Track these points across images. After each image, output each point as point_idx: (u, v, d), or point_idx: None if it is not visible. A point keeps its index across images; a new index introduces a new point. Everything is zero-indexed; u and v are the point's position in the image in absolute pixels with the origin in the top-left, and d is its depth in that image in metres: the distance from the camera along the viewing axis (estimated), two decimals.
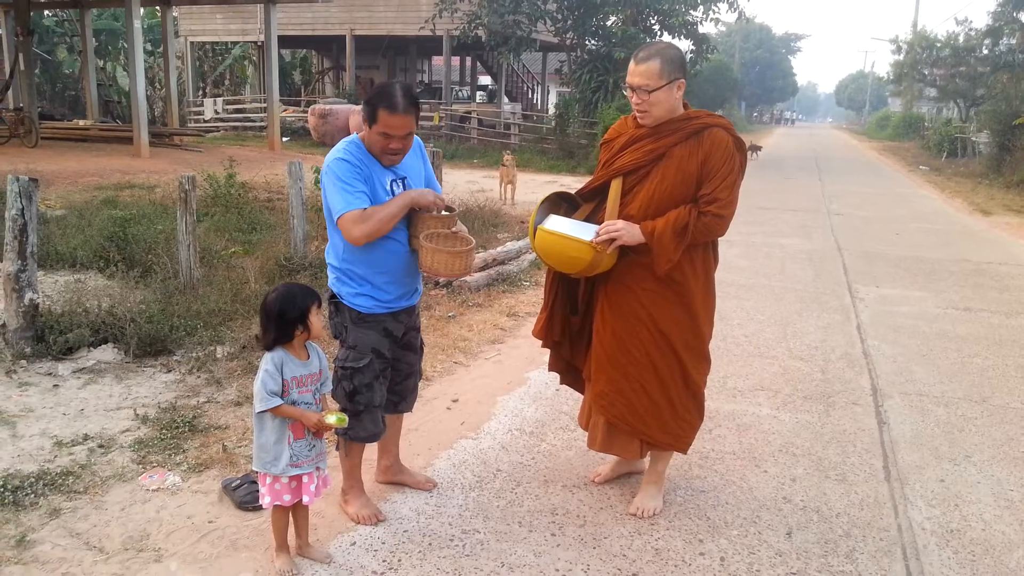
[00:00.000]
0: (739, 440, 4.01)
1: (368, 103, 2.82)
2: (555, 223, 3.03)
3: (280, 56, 24.69)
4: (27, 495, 3.14)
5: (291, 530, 2.81)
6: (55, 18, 27.09)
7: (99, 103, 21.25)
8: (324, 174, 2.88)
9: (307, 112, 22.56)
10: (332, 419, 2.65)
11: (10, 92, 18.89)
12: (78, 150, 15.89)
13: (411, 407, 3.33)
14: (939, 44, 32.36)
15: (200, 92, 30.00)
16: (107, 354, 4.66)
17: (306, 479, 2.70)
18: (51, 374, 4.43)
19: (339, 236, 2.90)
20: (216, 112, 26.12)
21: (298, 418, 2.63)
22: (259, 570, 2.76)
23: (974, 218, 13.13)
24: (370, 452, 3.29)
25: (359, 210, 2.77)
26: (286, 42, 27.44)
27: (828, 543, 3.09)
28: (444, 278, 4.57)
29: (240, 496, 3.14)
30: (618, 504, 3.32)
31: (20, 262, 4.62)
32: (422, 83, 31.51)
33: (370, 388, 2.96)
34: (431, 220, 2.93)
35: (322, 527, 3.04)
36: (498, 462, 3.67)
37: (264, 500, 2.70)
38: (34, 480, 3.24)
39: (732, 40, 56.33)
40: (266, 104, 20.38)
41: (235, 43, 30.27)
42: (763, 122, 70.27)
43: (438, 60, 30.59)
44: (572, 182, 14.71)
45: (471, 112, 24.39)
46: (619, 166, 3.07)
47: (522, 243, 8.15)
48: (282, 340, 2.64)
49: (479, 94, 33.24)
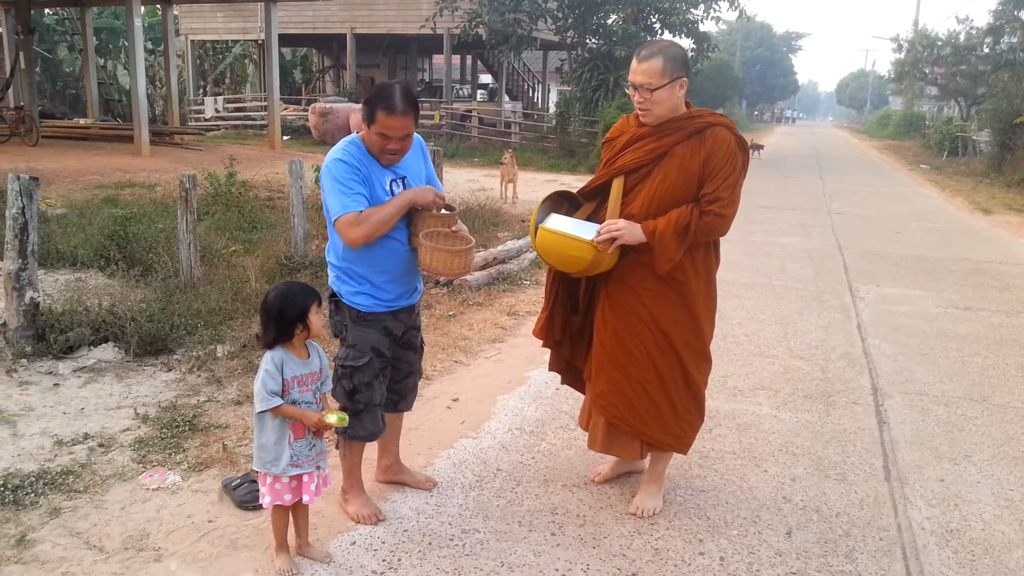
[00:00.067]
0: (739, 439, 4.01)
1: (367, 103, 2.82)
2: (556, 222, 3.03)
3: (281, 54, 24.70)
4: (27, 494, 3.14)
5: (291, 529, 2.82)
6: (56, 16, 27.08)
7: (100, 102, 21.25)
8: (323, 174, 2.88)
9: (308, 111, 22.57)
10: (332, 418, 2.65)
11: (11, 90, 18.90)
12: (79, 149, 15.89)
13: (411, 406, 3.33)
14: (940, 42, 32.35)
15: (201, 91, 30.01)
16: (107, 353, 4.67)
17: (306, 478, 2.70)
18: (51, 373, 4.43)
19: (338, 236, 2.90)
20: (217, 111, 26.12)
21: (298, 418, 2.63)
22: (259, 569, 2.76)
23: (975, 217, 13.12)
24: (370, 451, 3.29)
25: (355, 213, 2.77)
26: (287, 40, 27.44)
27: (828, 543, 3.09)
28: (443, 277, 4.57)
29: (240, 495, 3.14)
30: (618, 503, 3.33)
31: (21, 260, 4.63)
32: (423, 82, 31.48)
33: (370, 387, 2.97)
34: (431, 219, 2.93)
35: (322, 526, 3.04)
36: (498, 461, 3.67)
37: (264, 500, 2.70)
38: (34, 479, 3.25)
39: (733, 38, 56.28)
40: (267, 103, 20.38)
41: (236, 41, 30.27)
42: (764, 121, 70.20)
43: (439, 59, 30.56)
44: (573, 181, 14.70)
45: (472, 111, 24.38)
46: (621, 165, 3.06)
47: (523, 242, 8.15)
48: (282, 339, 2.64)
49: (480, 93, 33.20)
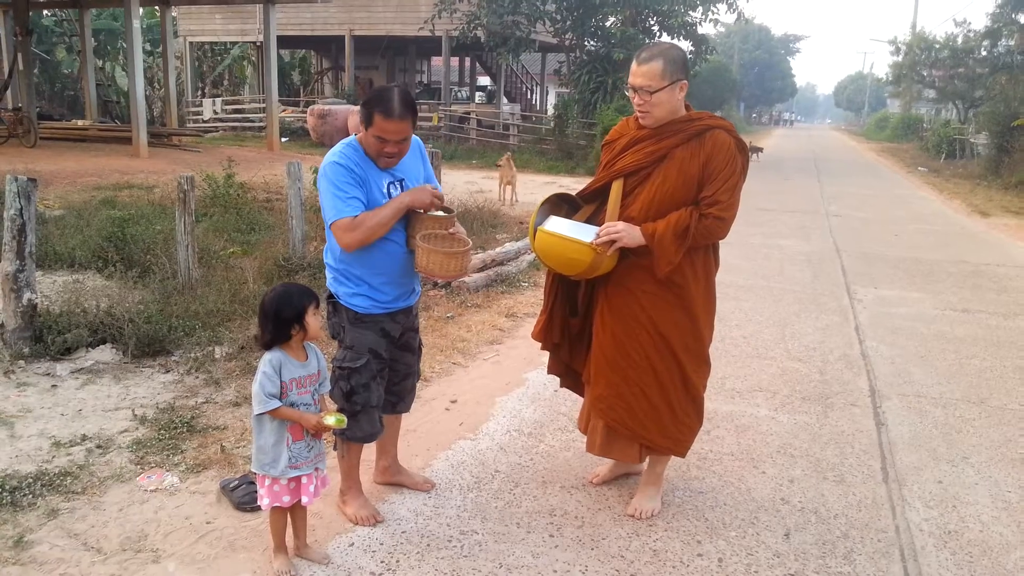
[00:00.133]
0: (737, 441, 4.01)
1: (365, 106, 2.83)
2: (555, 224, 3.03)
3: (279, 56, 24.68)
4: (25, 496, 3.13)
5: (289, 531, 2.81)
6: (54, 18, 27.07)
7: (98, 103, 21.26)
8: (319, 177, 2.89)
9: (306, 112, 22.56)
10: (331, 420, 2.64)
11: (9, 92, 18.87)
12: (77, 150, 15.88)
13: (409, 408, 3.33)
14: (938, 45, 32.40)
15: (199, 92, 30.00)
16: (105, 354, 4.66)
17: (305, 480, 2.70)
18: (49, 374, 4.42)
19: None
20: (215, 112, 26.13)
21: (297, 420, 2.63)
22: (257, 571, 2.76)
23: (972, 219, 13.14)
24: (368, 453, 3.29)
25: (349, 218, 2.78)
26: (285, 42, 27.43)
27: (826, 544, 3.09)
28: (440, 279, 4.56)
29: (238, 497, 3.14)
30: (616, 505, 3.32)
31: (18, 262, 4.62)
32: (421, 83, 31.51)
33: (367, 388, 2.97)
34: (429, 220, 2.93)
35: (320, 528, 3.04)
36: (496, 463, 3.67)
37: (263, 502, 2.69)
38: (32, 480, 3.24)
39: (731, 41, 56.34)
40: (265, 104, 20.39)
41: (234, 43, 30.27)
42: (762, 123, 70.26)
43: (437, 60, 30.63)
44: (571, 183, 14.71)
45: (470, 113, 24.41)
46: (620, 167, 3.06)
47: (521, 244, 8.15)
48: (279, 340, 2.64)
49: (478, 95, 33.27)
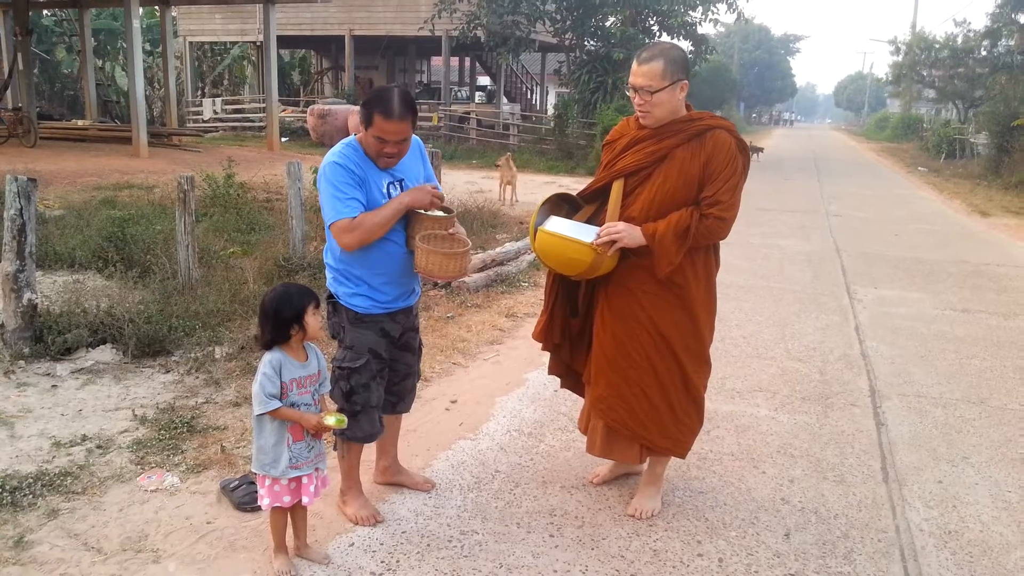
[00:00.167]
0: (737, 441, 4.02)
1: (364, 106, 2.83)
2: (555, 224, 3.02)
3: (279, 56, 24.68)
4: (25, 496, 3.14)
5: (289, 531, 2.82)
6: (54, 18, 27.08)
7: (98, 103, 21.26)
8: (319, 177, 2.89)
9: (306, 112, 22.56)
10: (331, 420, 2.64)
11: (9, 92, 18.87)
12: (77, 150, 15.88)
13: (409, 408, 3.33)
14: (938, 45, 32.40)
15: (199, 92, 30.00)
16: (105, 354, 4.66)
17: (305, 480, 2.70)
18: (49, 374, 4.42)
19: None
20: (215, 112, 26.13)
21: (297, 420, 2.63)
22: (257, 571, 2.76)
23: (972, 219, 13.14)
24: (368, 453, 3.29)
25: (348, 219, 2.79)
26: (285, 42, 27.44)
27: (826, 544, 3.09)
28: (439, 279, 4.56)
29: (238, 497, 3.14)
30: (616, 505, 3.33)
31: (18, 262, 4.62)
32: (421, 83, 31.51)
33: (367, 388, 2.97)
34: (429, 221, 2.93)
35: (320, 528, 3.04)
36: (496, 463, 3.67)
37: (263, 502, 2.69)
38: (32, 481, 3.24)
39: (731, 41, 56.33)
40: (265, 104, 20.39)
41: (234, 43, 30.27)
42: (762, 123, 70.26)
43: (437, 60, 30.63)
44: (571, 183, 14.71)
45: (470, 113, 24.41)
46: (621, 167, 3.05)
47: (521, 244, 8.15)
48: (278, 340, 2.63)
49: (478, 94, 33.27)
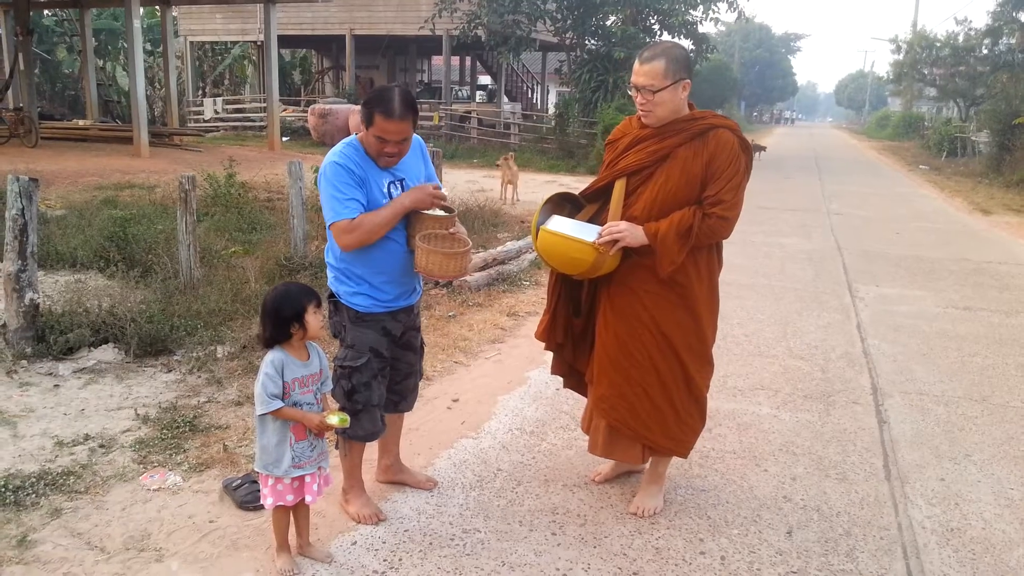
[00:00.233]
0: (739, 439, 4.02)
1: (365, 106, 2.83)
2: (558, 224, 3.02)
3: (280, 56, 24.69)
4: (28, 495, 3.14)
5: (292, 529, 2.82)
6: (55, 18, 27.10)
7: (99, 103, 21.27)
8: (319, 177, 2.89)
9: (307, 112, 22.56)
10: (334, 419, 2.64)
11: (10, 92, 18.89)
12: (78, 150, 15.89)
13: (411, 406, 3.33)
14: (939, 44, 32.39)
15: (200, 92, 30.00)
16: (107, 354, 4.67)
17: (308, 479, 2.70)
18: (52, 374, 4.43)
19: None
20: (216, 112, 26.13)
21: (300, 420, 2.63)
22: (260, 569, 2.76)
23: (974, 217, 13.13)
24: (371, 452, 3.29)
25: (347, 220, 2.79)
26: (286, 42, 27.44)
27: (828, 542, 3.09)
28: (439, 279, 4.56)
29: (241, 496, 3.14)
30: (618, 503, 3.33)
31: (20, 262, 4.62)
32: (422, 83, 31.51)
33: (368, 387, 2.97)
34: (429, 220, 2.93)
35: (323, 526, 3.04)
36: (499, 461, 3.67)
37: (266, 501, 2.69)
38: (35, 480, 3.25)
39: (732, 40, 56.30)
40: (266, 104, 20.39)
41: (235, 43, 30.27)
42: (763, 122, 70.24)
43: (438, 60, 30.60)
44: (572, 182, 14.71)
45: (471, 112, 24.39)
46: (623, 167, 3.05)
47: (522, 243, 8.15)
48: (279, 338, 2.64)
49: (479, 94, 33.25)
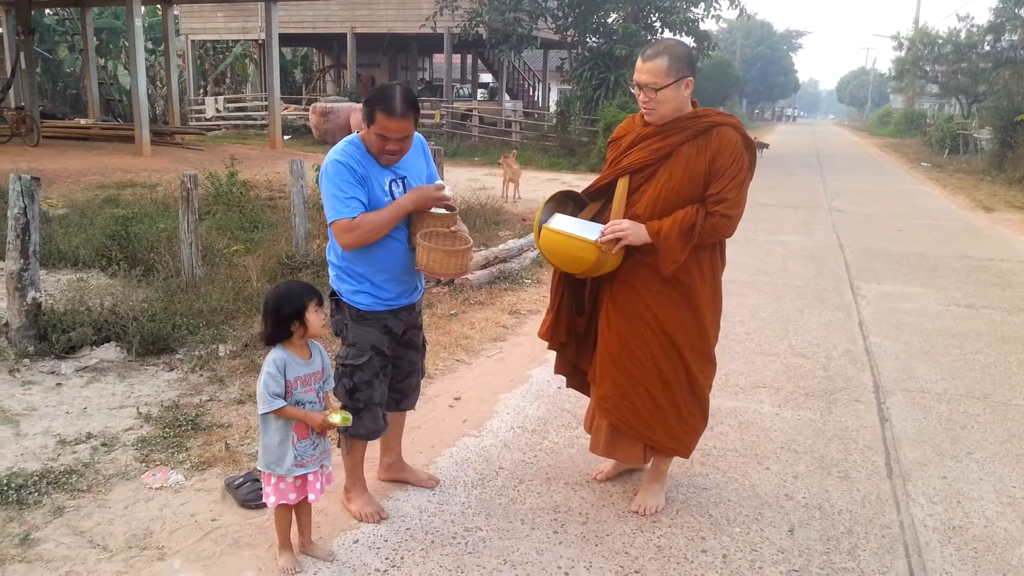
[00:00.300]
0: (741, 437, 4.02)
1: (367, 104, 2.83)
2: (560, 222, 3.01)
3: (281, 54, 24.72)
4: (31, 493, 3.15)
5: (294, 528, 2.82)
6: (56, 17, 27.10)
7: (100, 102, 21.26)
8: (321, 175, 2.90)
9: (308, 110, 22.57)
10: (336, 418, 2.64)
11: (12, 91, 18.90)
12: (80, 149, 15.90)
13: (413, 405, 3.33)
14: (941, 40, 32.33)
15: (201, 90, 30.01)
16: (110, 352, 4.68)
17: (311, 477, 2.70)
18: (54, 373, 4.44)
19: None
20: (217, 110, 26.13)
21: (302, 419, 2.63)
22: (262, 568, 2.77)
23: (976, 215, 13.10)
24: (372, 450, 3.30)
25: (348, 219, 2.80)
26: (287, 40, 27.44)
27: (830, 540, 3.09)
28: (440, 277, 4.57)
29: (243, 494, 3.15)
30: (620, 502, 3.33)
31: (23, 261, 4.63)
32: (423, 81, 31.49)
33: (370, 385, 2.97)
34: (431, 218, 2.93)
35: (325, 525, 3.05)
36: (500, 460, 3.68)
37: (269, 500, 2.69)
38: (38, 478, 3.25)
39: (733, 37, 56.25)
40: (267, 102, 20.38)
41: (236, 41, 30.27)
42: (765, 119, 70.17)
43: (439, 58, 30.55)
44: (573, 179, 14.71)
45: (472, 110, 24.38)
46: (626, 165, 3.04)
47: (523, 241, 8.15)
48: (280, 336, 2.64)
49: (480, 92, 33.20)
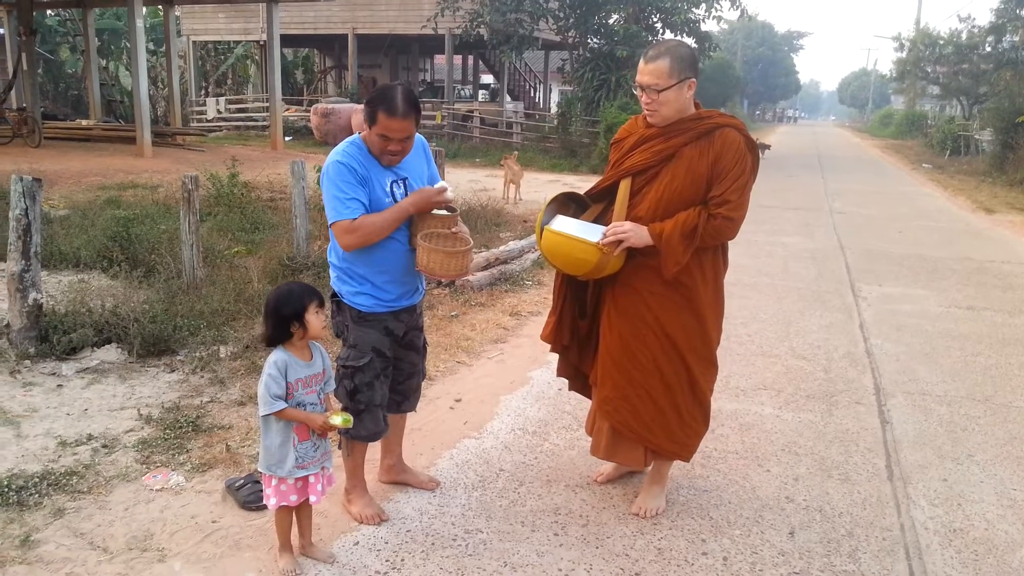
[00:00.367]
0: (742, 439, 4.01)
1: (368, 104, 2.83)
2: (562, 224, 3.01)
3: (282, 55, 24.69)
4: (31, 495, 3.15)
5: (294, 530, 2.82)
6: (58, 18, 27.15)
7: (102, 103, 21.28)
8: (322, 175, 2.90)
9: (309, 111, 22.57)
10: (337, 420, 2.64)
11: (13, 92, 18.93)
12: (81, 150, 15.91)
13: (414, 407, 3.33)
14: (942, 41, 32.31)
15: (203, 91, 30.03)
16: (111, 354, 4.68)
17: (312, 479, 2.70)
18: (55, 374, 4.44)
19: None
20: (219, 111, 26.15)
21: (303, 421, 2.63)
22: (263, 570, 2.77)
23: (977, 216, 13.10)
24: (373, 452, 3.30)
25: (348, 220, 2.80)
26: (288, 41, 27.47)
27: (831, 542, 3.09)
28: (440, 278, 4.58)
29: (244, 496, 3.15)
30: (621, 504, 3.33)
31: (24, 262, 4.63)
32: (424, 82, 31.50)
33: (371, 387, 2.97)
34: (432, 219, 2.93)
35: (325, 527, 3.05)
36: (501, 462, 3.68)
37: (270, 502, 2.69)
38: (38, 480, 3.26)
39: (734, 38, 56.24)
40: (268, 103, 20.40)
41: (237, 42, 30.30)
42: (766, 120, 70.15)
43: (440, 59, 30.58)
44: (575, 181, 14.71)
45: (473, 111, 24.39)
46: (628, 166, 3.03)
47: (524, 242, 8.15)
48: (280, 337, 2.64)
49: (481, 93, 33.19)
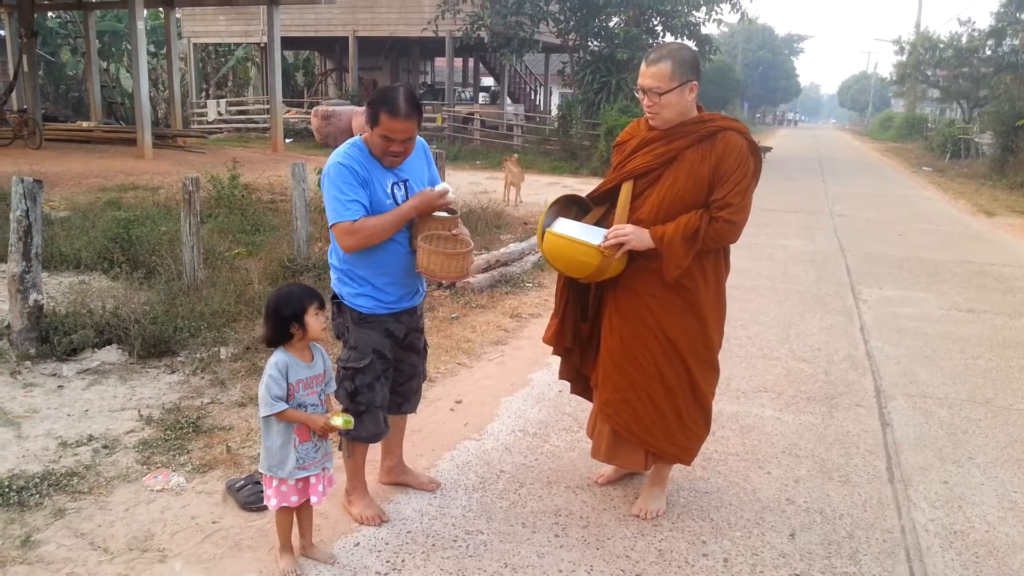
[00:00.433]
0: (742, 441, 4.01)
1: (370, 105, 2.84)
2: (563, 226, 3.01)
3: (283, 57, 24.75)
4: (32, 495, 3.15)
5: (295, 530, 2.82)
6: (58, 20, 27.19)
7: (102, 105, 21.31)
8: (323, 177, 2.90)
9: (310, 113, 22.59)
10: (338, 421, 2.65)
11: (14, 94, 18.94)
12: (82, 152, 15.92)
13: (415, 408, 3.33)
14: (942, 45, 32.33)
15: (203, 94, 30.05)
16: (111, 355, 4.68)
17: (313, 480, 2.70)
18: (55, 375, 4.44)
19: None
20: (219, 114, 26.17)
21: (304, 422, 2.63)
22: (263, 570, 2.77)
23: (977, 219, 13.10)
24: (373, 453, 3.30)
25: (349, 222, 2.80)
26: (289, 43, 27.48)
27: (831, 544, 3.09)
28: (441, 280, 4.57)
29: (244, 497, 3.15)
30: (621, 505, 3.33)
31: (24, 263, 4.64)
32: (425, 84, 31.52)
33: (371, 388, 2.97)
34: (432, 221, 2.94)
35: (326, 528, 3.05)
36: (501, 463, 3.68)
37: (271, 503, 2.69)
38: (39, 480, 3.26)
39: (735, 41, 56.29)
40: (269, 105, 20.42)
41: (238, 44, 30.33)
42: (766, 123, 70.18)
43: (441, 61, 30.64)
44: (575, 183, 14.72)
45: (474, 113, 24.40)
46: (630, 169, 3.04)
47: (525, 245, 8.15)
48: (280, 338, 2.64)
49: (482, 95, 33.16)
